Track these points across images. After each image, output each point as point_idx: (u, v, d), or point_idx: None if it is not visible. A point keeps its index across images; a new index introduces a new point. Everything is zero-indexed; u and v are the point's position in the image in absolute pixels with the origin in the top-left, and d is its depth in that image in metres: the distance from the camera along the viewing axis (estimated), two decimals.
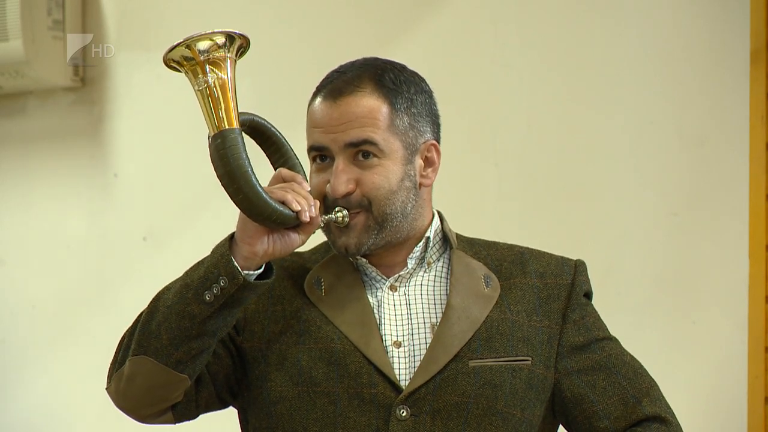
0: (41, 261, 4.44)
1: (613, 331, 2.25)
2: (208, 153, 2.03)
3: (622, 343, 2.24)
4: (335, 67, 2.21)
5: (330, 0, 4.00)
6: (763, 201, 3.35)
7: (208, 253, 2.09)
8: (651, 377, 2.20)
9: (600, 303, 2.29)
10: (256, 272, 2.06)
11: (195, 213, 4.19)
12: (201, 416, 2.19)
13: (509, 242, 2.29)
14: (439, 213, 2.24)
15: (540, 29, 3.66)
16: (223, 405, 2.21)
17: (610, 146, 3.56)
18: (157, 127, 4.28)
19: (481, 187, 3.72)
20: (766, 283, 3.35)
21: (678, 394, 3.23)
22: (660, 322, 3.48)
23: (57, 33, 4.27)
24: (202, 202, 4.16)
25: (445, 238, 2.23)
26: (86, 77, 4.36)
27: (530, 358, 2.15)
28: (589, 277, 2.26)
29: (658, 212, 3.49)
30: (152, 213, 4.28)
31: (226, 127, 2.02)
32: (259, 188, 2.02)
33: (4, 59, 4.23)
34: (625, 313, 3.49)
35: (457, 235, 2.25)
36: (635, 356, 2.22)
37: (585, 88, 3.60)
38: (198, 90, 2.04)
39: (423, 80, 2.20)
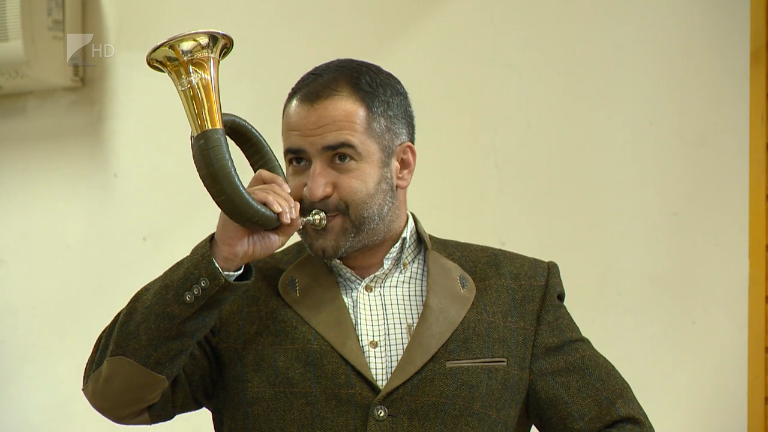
0: (41, 261, 4.44)
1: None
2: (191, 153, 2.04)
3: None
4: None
5: (330, 0, 4.00)
6: (763, 201, 3.35)
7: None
8: (623, 379, 2.21)
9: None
10: (235, 273, 2.06)
11: (195, 213, 4.19)
12: (177, 417, 2.19)
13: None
14: (412, 214, 2.24)
15: (540, 29, 3.66)
16: (197, 406, 2.20)
17: (611, 146, 3.56)
18: (157, 127, 4.27)
19: (481, 187, 3.71)
20: (766, 283, 3.34)
21: (678, 394, 3.23)
22: (660, 322, 3.48)
23: (57, 33, 4.27)
24: (202, 202, 4.14)
25: (419, 239, 2.23)
26: (86, 77, 4.36)
27: (506, 360, 2.15)
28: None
29: (658, 212, 3.49)
30: (152, 213, 4.28)
31: (210, 127, 2.02)
32: (242, 189, 2.02)
33: (4, 59, 4.23)
34: (625, 313, 3.49)
35: (430, 236, 2.25)
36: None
37: (585, 88, 3.60)
38: (181, 90, 2.04)
39: (398, 82, 2.20)
